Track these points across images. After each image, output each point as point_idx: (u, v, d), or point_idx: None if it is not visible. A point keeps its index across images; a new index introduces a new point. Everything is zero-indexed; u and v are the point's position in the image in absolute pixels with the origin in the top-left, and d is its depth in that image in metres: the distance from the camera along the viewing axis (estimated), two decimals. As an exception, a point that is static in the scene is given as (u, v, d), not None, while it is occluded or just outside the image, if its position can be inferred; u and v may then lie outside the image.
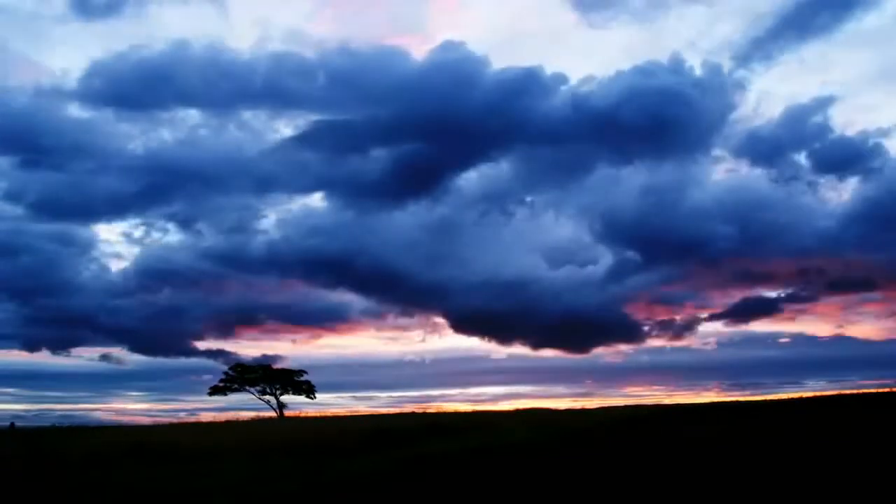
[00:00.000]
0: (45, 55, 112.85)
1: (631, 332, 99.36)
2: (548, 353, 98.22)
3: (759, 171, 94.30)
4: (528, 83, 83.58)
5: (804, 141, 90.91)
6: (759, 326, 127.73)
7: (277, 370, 60.96)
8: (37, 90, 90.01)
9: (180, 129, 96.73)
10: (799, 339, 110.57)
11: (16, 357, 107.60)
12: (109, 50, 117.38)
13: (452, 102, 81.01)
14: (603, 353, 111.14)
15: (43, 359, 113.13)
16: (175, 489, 14.81)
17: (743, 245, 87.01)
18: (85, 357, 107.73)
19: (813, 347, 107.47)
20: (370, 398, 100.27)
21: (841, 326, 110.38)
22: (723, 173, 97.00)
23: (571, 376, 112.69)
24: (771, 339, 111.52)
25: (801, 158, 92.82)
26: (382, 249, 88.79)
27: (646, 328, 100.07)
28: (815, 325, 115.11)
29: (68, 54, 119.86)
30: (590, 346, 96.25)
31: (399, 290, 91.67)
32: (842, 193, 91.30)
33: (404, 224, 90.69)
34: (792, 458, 14.34)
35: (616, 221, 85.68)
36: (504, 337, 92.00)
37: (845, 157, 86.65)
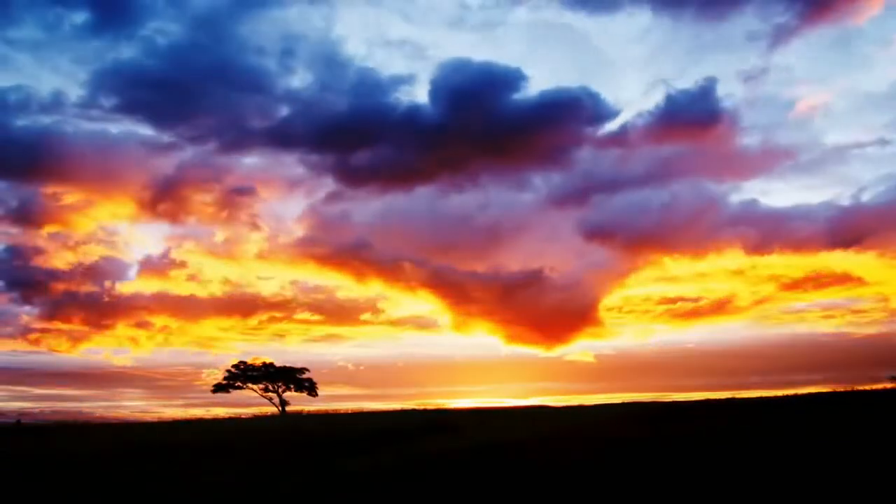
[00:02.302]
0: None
1: (632, 329, 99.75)
2: (548, 349, 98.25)
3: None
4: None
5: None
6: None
7: (280, 368, 61.42)
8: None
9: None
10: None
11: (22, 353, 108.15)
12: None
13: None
14: (603, 349, 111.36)
15: (49, 355, 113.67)
16: (180, 485, 15.08)
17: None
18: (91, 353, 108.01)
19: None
20: (371, 395, 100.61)
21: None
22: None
23: (570, 373, 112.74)
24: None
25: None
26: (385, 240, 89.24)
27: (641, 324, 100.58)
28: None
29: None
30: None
31: (401, 283, 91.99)
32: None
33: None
34: (793, 456, 14.46)
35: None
36: (504, 333, 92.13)
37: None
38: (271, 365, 61.43)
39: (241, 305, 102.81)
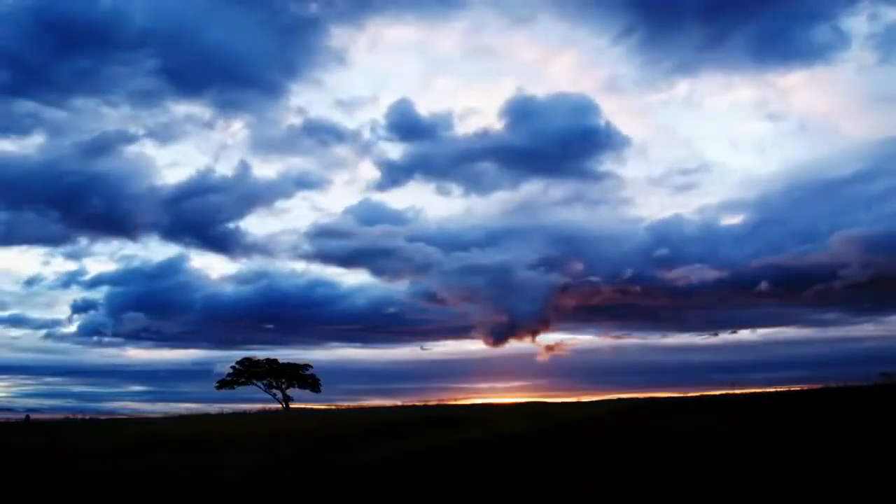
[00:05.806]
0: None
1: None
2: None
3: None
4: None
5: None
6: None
7: (283, 364, 62.07)
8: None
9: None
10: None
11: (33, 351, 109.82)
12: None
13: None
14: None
15: (57, 354, 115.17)
16: (186, 478, 15.50)
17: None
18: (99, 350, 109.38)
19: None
20: (372, 393, 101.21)
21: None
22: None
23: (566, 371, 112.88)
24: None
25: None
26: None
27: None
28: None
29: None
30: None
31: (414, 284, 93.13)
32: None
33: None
34: (787, 448, 14.70)
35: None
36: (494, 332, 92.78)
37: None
38: (275, 361, 62.05)
39: (246, 305, 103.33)
